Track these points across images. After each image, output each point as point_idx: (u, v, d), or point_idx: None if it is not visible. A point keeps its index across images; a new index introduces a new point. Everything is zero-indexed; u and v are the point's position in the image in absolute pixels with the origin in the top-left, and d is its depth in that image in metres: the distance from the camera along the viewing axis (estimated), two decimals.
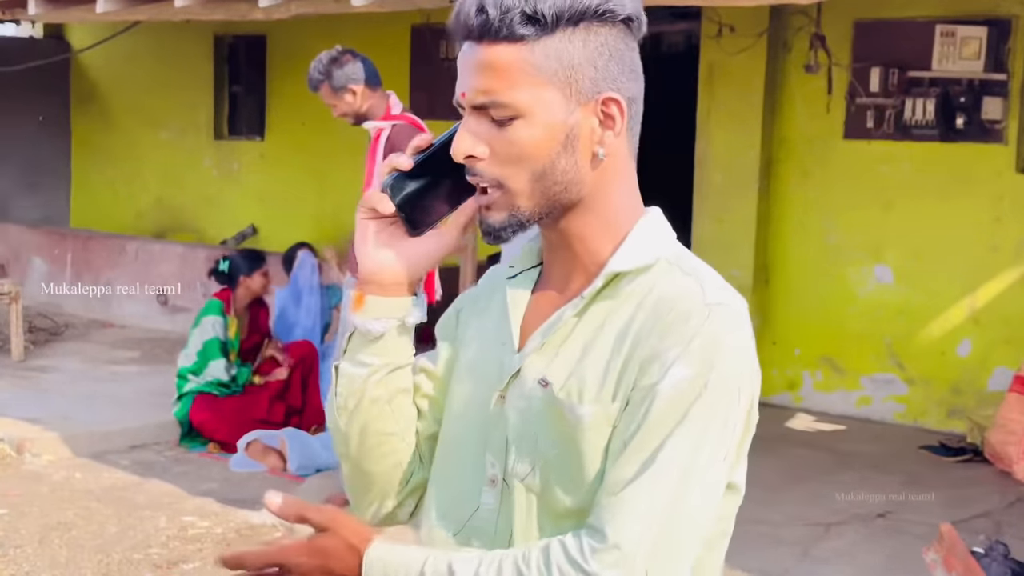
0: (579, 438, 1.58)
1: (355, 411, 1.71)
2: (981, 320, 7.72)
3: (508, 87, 1.55)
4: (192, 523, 6.07)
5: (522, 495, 1.63)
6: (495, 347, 1.70)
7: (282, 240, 10.86)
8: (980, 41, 7.53)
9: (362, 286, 1.68)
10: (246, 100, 11.88)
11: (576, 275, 1.66)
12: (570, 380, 1.60)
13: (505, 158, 1.58)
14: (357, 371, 1.69)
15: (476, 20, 1.54)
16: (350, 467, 1.78)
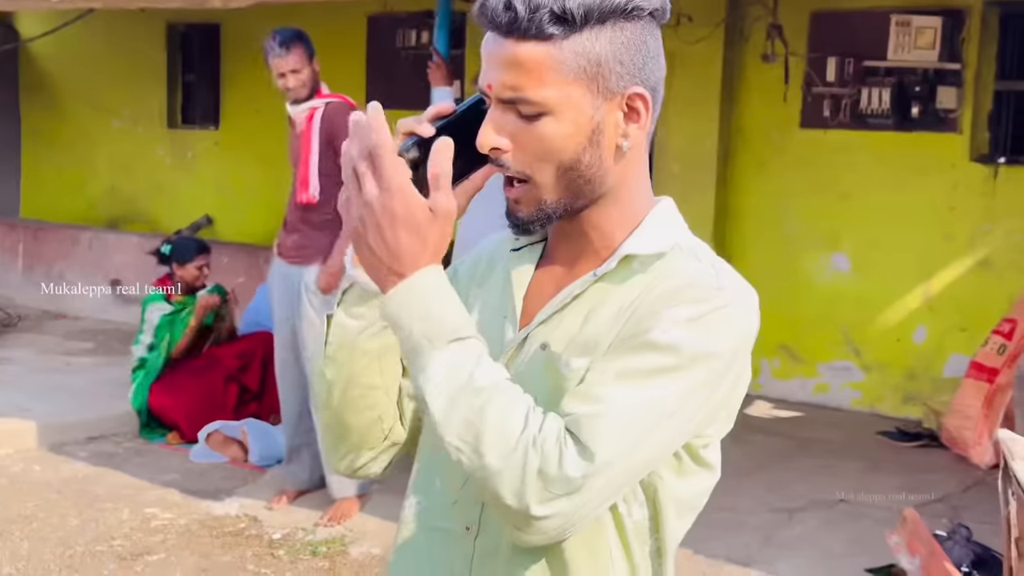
0: (567, 391, 1.58)
1: (344, 362, 1.70)
2: (936, 307, 7.81)
3: (536, 85, 1.56)
4: (155, 515, 6.04)
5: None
6: (496, 318, 1.74)
7: (238, 230, 10.83)
8: (935, 31, 7.60)
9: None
10: (200, 89, 11.79)
11: (586, 256, 1.70)
12: (570, 343, 1.64)
13: (532, 152, 1.59)
14: (351, 323, 1.69)
15: (504, 17, 1.55)
16: (330, 416, 1.76)
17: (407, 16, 9.59)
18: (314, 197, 5.83)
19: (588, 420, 1.50)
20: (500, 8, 1.54)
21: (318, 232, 5.87)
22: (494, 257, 1.82)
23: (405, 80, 9.54)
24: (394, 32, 9.80)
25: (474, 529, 1.70)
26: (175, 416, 7.25)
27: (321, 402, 1.77)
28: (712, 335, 1.56)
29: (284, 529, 5.82)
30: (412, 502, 1.80)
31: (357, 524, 5.81)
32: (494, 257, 1.82)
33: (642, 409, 1.52)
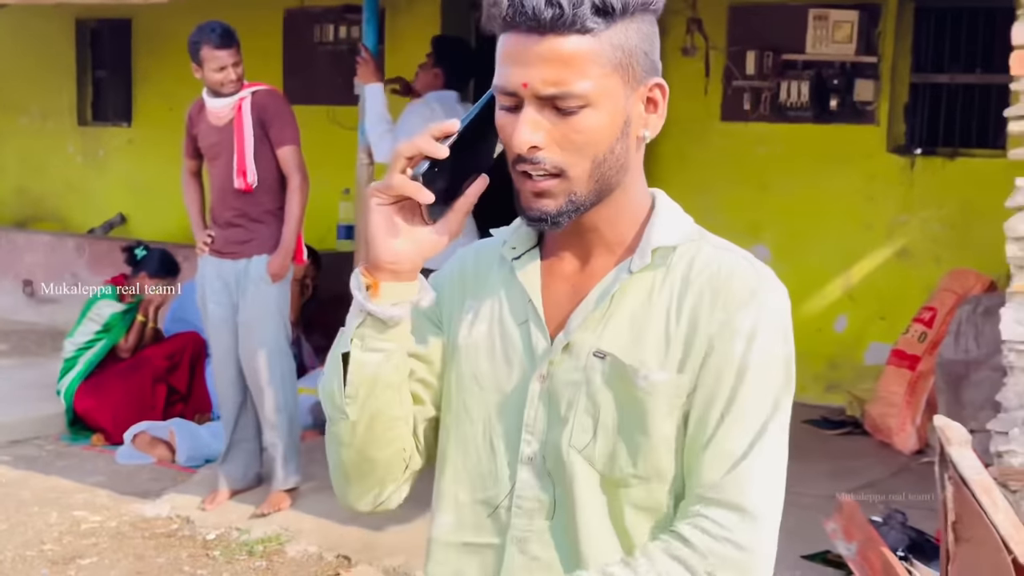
0: (648, 404, 1.64)
1: (368, 398, 1.68)
2: (856, 296, 7.94)
3: (579, 78, 1.57)
4: (84, 517, 5.96)
5: (582, 467, 1.67)
6: (512, 327, 1.74)
7: (153, 228, 10.67)
8: (852, 25, 7.72)
9: (376, 273, 1.65)
10: (111, 85, 11.61)
11: (597, 255, 1.72)
12: (631, 349, 1.66)
13: (569, 146, 1.60)
14: (371, 357, 1.66)
15: (548, 13, 1.55)
16: (352, 454, 1.74)
17: (324, 11, 9.53)
18: (252, 184, 5.79)
19: (736, 482, 1.61)
20: (542, 5, 1.55)
21: (259, 224, 5.85)
22: (481, 265, 1.82)
23: (323, 76, 9.50)
24: (311, 27, 9.73)
25: (526, 539, 1.71)
26: (101, 419, 7.16)
27: (342, 443, 1.73)
28: (783, 329, 1.68)
29: (218, 529, 5.77)
30: (440, 521, 1.79)
31: (293, 522, 5.77)
32: (481, 265, 1.82)
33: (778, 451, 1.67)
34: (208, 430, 6.98)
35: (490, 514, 1.73)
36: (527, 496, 1.70)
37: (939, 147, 7.78)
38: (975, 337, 6.56)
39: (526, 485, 1.71)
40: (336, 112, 8.72)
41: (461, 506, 1.76)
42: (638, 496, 1.67)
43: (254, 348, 5.88)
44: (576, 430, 1.67)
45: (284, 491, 5.93)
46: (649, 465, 1.66)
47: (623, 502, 1.68)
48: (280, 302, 5.88)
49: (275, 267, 5.80)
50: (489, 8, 1.61)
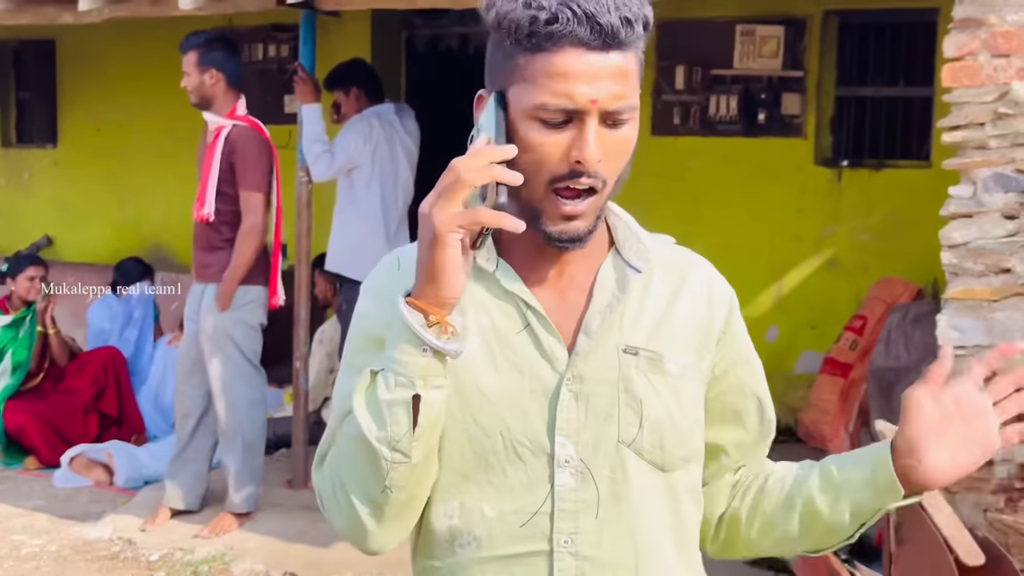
0: (681, 387, 1.77)
1: (429, 437, 1.65)
2: (786, 306, 8.06)
3: (633, 91, 1.66)
4: (23, 542, 5.90)
5: (634, 461, 1.74)
6: (510, 337, 1.74)
7: (81, 249, 10.57)
8: (778, 40, 7.87)
9: (442, 310, 1.60)
10: (36, 107, 11.47)
11: (582, 257, 1.77)
12: (652, 340, 1.77)
13: (615, 159, 1.68)
14: (436, 395, 1.63)
15: (623, 32, 1.61)
16: (404, 497, 1.68)
17: (252, 29, 9.51)
18: (208, 215, 5.80)
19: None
20: (618, 24, 1.60)
21: (219, 251, 5.85)
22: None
23: (252, 95, 9.42)
24: (240, 46, 9.67)
25: (573, 540, 1.72)
26: (33, 437, 7.07)
27: (397, 486, 1.65)
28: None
29: (161, 550, 5.74)
30: (468, 539, 1.74)
31: (238, 541, 5.75)
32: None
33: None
34: (147, 451, 6.94)
35: (524, 523, 1.72)
36: (569, 499, 1.71)
37: (865, 159, 7.93)
38: (905, 344, 6.69)
39: (566, 488, 1.71)
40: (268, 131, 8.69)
41: (489, 521, 1.73)
42: (684, 479, 1.79)
43: (212, 371, 5.89)
44: (623, 425, 1.73)
45: (233, 515, 5.90)
46: (691, 447, 1.79)
47: (675, 486, 1.78)
48: (235, 329, 5.85)
49: (218, 297, 5.80)
50: (539, 26, 1.61)
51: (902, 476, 1.73)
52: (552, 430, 1.71)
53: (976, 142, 4.40)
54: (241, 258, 5.76)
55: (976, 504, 4.55)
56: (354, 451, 1.66)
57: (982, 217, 4.41)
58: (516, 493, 1.72)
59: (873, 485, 1.76)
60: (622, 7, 1.61)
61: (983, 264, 4.42)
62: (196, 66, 5.85)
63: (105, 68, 10.37)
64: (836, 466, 1.83)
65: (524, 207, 1.67)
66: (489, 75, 1.72)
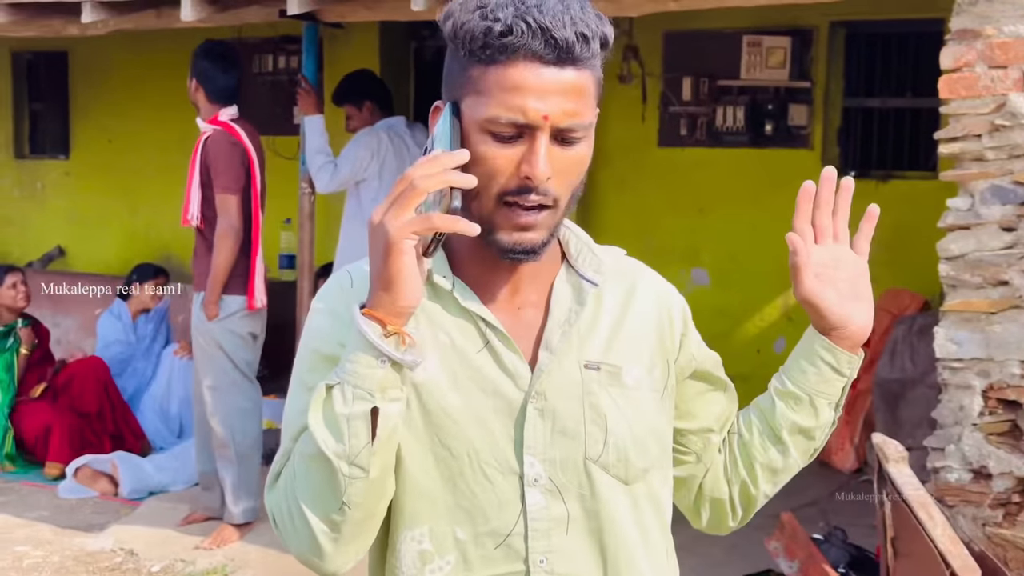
0: (638, 398, 1.78)
1: (387, 451, 1.62)
2: (794, 318, 8.03)
3: (587, 108, 1.64)
4: (26, 552, 5.91)
5: (600, 476, 1.74)
6: (470, 355, 1.71)
7: (93, 260, 10.62)
8: (785, 51, 7.85)
9: (399, 319, 1.58)
10: (48, 118, 11.52)
11: (535, 274, 1.77)
12: (609, 355, 1.77)
13: (567, 176, 1.66)
14: (393, 408, 1.60)
15: (578, 48, 1.60)
16: (360, 515, 1.64)
17: (262, 41, 9.54)
18: (192, 220, 5.84)
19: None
20: (573, 39, 1.59)
21: (205, 258, 5.87)
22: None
23: (262, 106, 9.48)
24: (249, 57, 9.72)
25: (549, 559, 1.71)
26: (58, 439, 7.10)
27: (354, 503, 1.62)
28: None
29: (163, 561, 5.74)
30: (440, 563, 1.71)
31: (238, 553, 5.75)
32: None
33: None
34: (151, 462, 6.95)
35: (499, 545, 1.70)
36: (541, 518, 1.71)
37: (872, 170, 7.91)
38: (911, 356, 6.67)
39: (537, 506, 1.70)
40: (276, 142, 8.70)
41: (463, 544, 1.71)
42: (643, 489, 1.79)
43: (200, 380, 5.91)
44: (589, 441, 1.73)
45: (233, 526, 5.91)
46: (649, 457, 1.79)
47: (637, 497, 1.78)
48: (223, 337, 5.86)
49: (204, 304, 5.83)
50: (493, 38, 1.60)
51: (828, 336, 1.89)
52: (520, 449, 1.70)
53: (973, 154, 4.38)
54: (219, 261, 5.75)
55: (975, 518, 4.52)
56: (309, 469, 1.62)
57: (980, 229, 4.40)
58: (487, 515, 1.70)
59: (814, 357, 1.90)
60: (579, 23, 1.59)
61: (981, 276, 4.40)
62: (190, 74, 5.93)
63: (116, 79, 10.41)
64: (782, 373, 1.96)
65: (476, 221, 1.61)
66: (445, 85, 1.71)
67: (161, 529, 6.08)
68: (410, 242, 1.54)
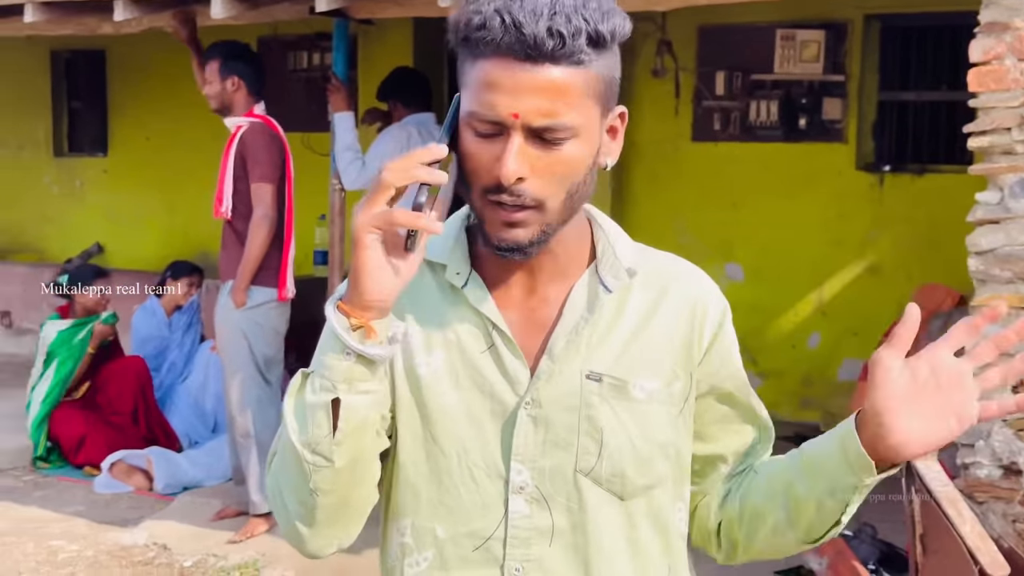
0: (648, 412, 1.70)
1: (353, 443, 1.61)
2: (829, 313, 8.00)
3: (570, 108, 1.56)
4: (61, 547, 5.96)
5: (592, 489, 1.69)
6: (475, 355, 1.70)
7: (130, 256, 10.69)
8: (819, 44, 7.81)
9: (365, 313, 1.56)
10: (87, 116, 11.62)
11: (547, 275, 1.72)
12: (618, 365, 1.70)
13: (551, 177, 1.59)
14: (360, 400, 1.59)
15: (548, 44, 1.52)
16: (332, 501, 1.65)
17: (297, 38, 9.58)
18: (226, 213, 5.88)
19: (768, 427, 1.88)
20: (543, 35, 1.52)
21: (234, 250, 5.90)
22: (418, 289, 1.72)
23: (296, 102, 9.52)
24: (284, 54, 9.78)
25: (525, 568, 1.69)
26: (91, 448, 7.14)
27: (321, 490, 1.63)
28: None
29: (195, 556, 5.78)
30: (418, 558, 1.73)
31: (270, 548, 5.78)
32: (418, 289, 1.72)
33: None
34: (186, 458, 7.00)
35: (478, 547, 1.69)
36: (522, 526, 1.68)
37: (907, 164, 7.86)
38: None
39: (520, 514, 1.68)
40: (310, 139, 8.75)
41: (442, 542, 1.71)
42: (643, 505, 1.72)
43: (224, 372, 5.95)
44: (581, 454, 1.68)
45: (261, 516, 5.94)
46: (653, 474, 1.72)
47: (633, 514, 1.72)
48: (248, 327, 5.88)
49: (232, 291, 5.85)
50: (471, 31, 1.57)
51: (871, 447, 1.59)
52: (508, 455, 1.68)
53: (1003, 147, 4.34)
54: (252, 248, 5.78)
55: (1004, 514, 4.48)
56: (284, 453, 1.65)
57: (1009, 223, 4.35)
58: (470, 516, 1.69)
59: (844, 461, 1.63)
60: (558, 18, 1.53)
61: (1010, 271, 4.36)
62: (218, 73, 5.95)
63: (153, 78, 10.48)
64: (810, 447, 1.73)
65: (475, 214, 1.66)
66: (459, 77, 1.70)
67: (194, 524, 6.12)
68: (372, 236, 1.53)
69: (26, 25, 6.66)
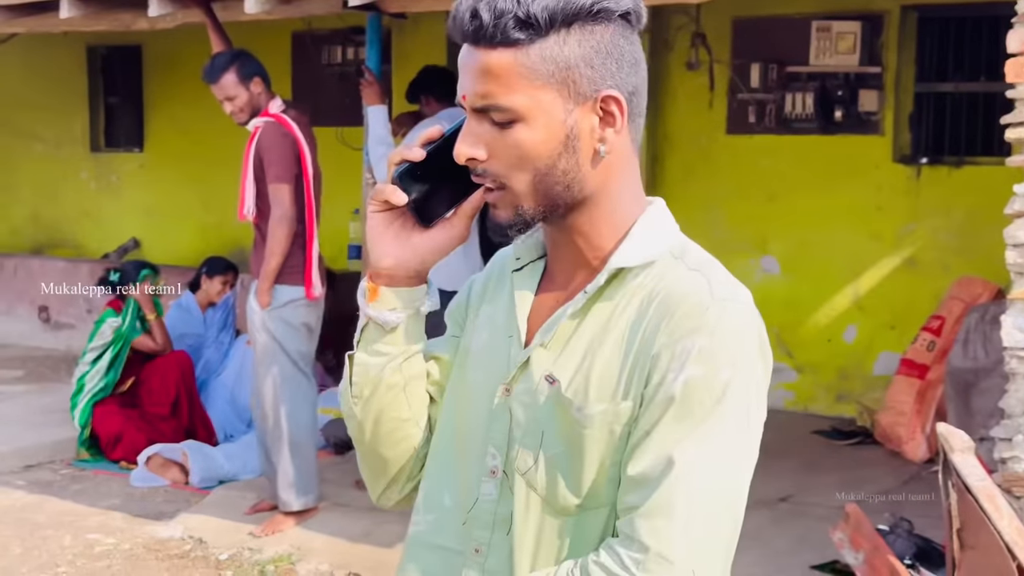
0: (585, 436, 1.60)
1: (371, 399, 1.74)
2: (865, 306, 7.95)
3: (506, 91, 1.56)
4: (98, 540, 6.00)
5: (522, 489, 1.66)
6: (503, 339, 1.73)
7: (167, 252, 10.74)
8: (855, 36, 7.75)
9: (376, 279, 1.70)
10: (123, 111, 11.68)
11: (580, 271, 1.69)
12: (576, 378, 1.62)
13: (507, 160, 1.59)
14: (373, 360, 1.73)
15: (470, 26, 1.56)
16: (365, 451, 1.81)
17: (331, 33, 9.59)
18: (248, 215, 5.89)
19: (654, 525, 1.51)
20: (467, 17, 1.56)
21: (262, 248, 5.91)
22: (502, 274, 1.80)
23: (330, 97, 9.54)
24: (319, 49, 9.80)
25: (484, 551, 1.70)
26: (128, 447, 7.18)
27: (355, 440, 1.82)
28: (732, 354, 1.56)
29: (231, 550, 5.80)
30: (421, 519, 1.79)
31: (304, 541, 5.79)
32: (502, 274, 1.80)
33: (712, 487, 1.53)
34: (222, 452, 7.02)
35: (464, 521, 1.72)
36: (486, 509, 1.70)
37: (945, 156, 7.80)
38: (983, 345, 6.56)
39: (487, 498, 1.70)
40: (344, 133, 8.75)
41: (444, 510, 1.75)
42: (579, 525, 1.63)
43: (256, 370, 5.96)
44: (521, 453, 1.66)
45: (287, 513, 5.95)
46: (590, 495, 1.62)
47: (565, 530, 1.64)
48: (276, 326, 5.88)
49: (257, 292, 5.87)
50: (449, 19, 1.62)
51: None
52: (486, 438, 1.71)
53: None
54: (272, 249, 5.78)
55: None
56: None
57: None
58: (462, 490, 1.73)
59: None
60: (481, 1, 1.56)
61: None
62: (239, 83, 5.87)
63: (188, 73, 10.48)
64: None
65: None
66: None
67: (229, 517, 6.14)
68: (372, 209, 1.69)
69: (62, 21, 6.68)
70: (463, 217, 1.68)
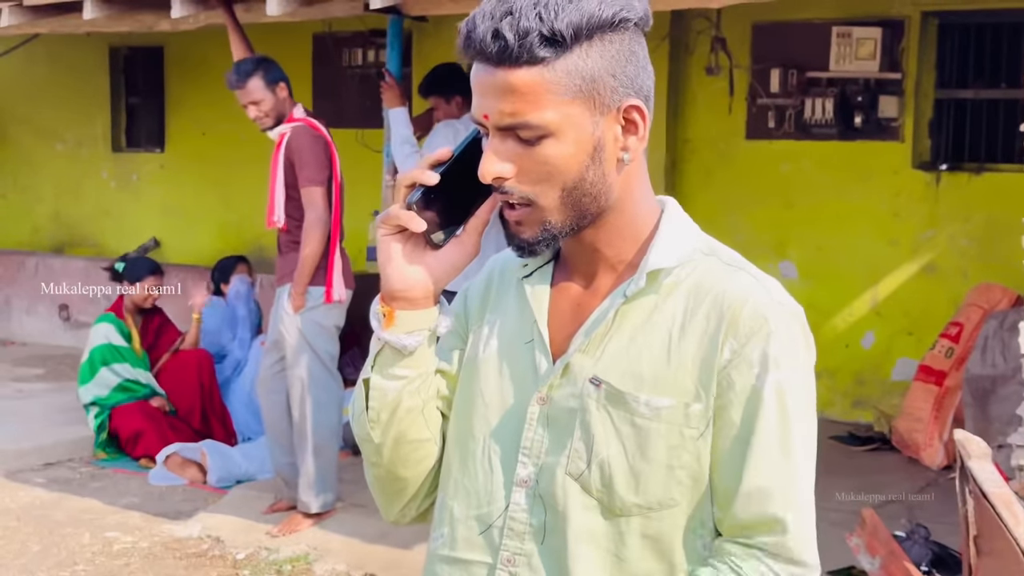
0: (651, 431, 1.62)
1: (389, 422, 1.72)
2: (883, 312, 7.94)
3: (535, 108, 1.55)
4: (116, 538, 6.03)
5: (579, 495, 1.65)
6: (519, 346, 1.73)
7: (186, 251, 10.80)
8: (875, 41, 7.74)
9: (391, 303, 1.66)
10: (144, 111, 11.74)
11: (602, 273, 1.70)
12: (626, 377, 1.64)
13: (535, 176, 1.59)
14: (391, 384, 1.70)
15: (493, 47, 1.54)
16: (382, 473, 1.79)
17: (352, 35, 9.62)
18: (278, 222, 5.91)
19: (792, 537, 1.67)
20: (488, 39, 1.53)
21: (290, 254, 5.93)
22: (504, 278, 1.81)
23: (351, 99, 9.58)
24: (340, 51, 9.83)
25: (515, 561, 1.69)
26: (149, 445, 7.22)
27: (371, 462, 1.79)
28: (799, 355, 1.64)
29: (248, 549, 5.83)
30: (437, 534, 1.79)
31: (321, 541, 5.82)
32: (504, 278, 1.81)
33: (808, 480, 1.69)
34: (240, 451, 7.05)
35: (483, 532, 1.72)
36: (518, 519, 1.69)
37: (964, 163, 7.78)
38: (1002, 352, 6.56)
39: (519, 507, 1.69)
40: (365, 135, 8.79)
41: (456, 521, 1.74)
42: (641, 525, 1.65)
43: (289, 373, 5.98)
44: (572, 457, 1.65)
45: (305, 514, 5.98)
46: (651, 494, 1.63)
47: (624, 531, 1.65)
48: (308, 328, 5.90)
49: (291, 296, 5.89)
50: (460, 39, 1.60)
51: None
52: (515, 447, 1.71)
53: None
54: (307, 252, 5.80)
55: None
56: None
57: None
58: (481, 500, 1.73)
59: None
60: (503, 21, 1.53)
61: None
62: (266, 88, 5.90)
63: (210, 74, 10.54)
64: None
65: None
66: None
67: (247, 517, 6.17)
68: (383, 232, 1.66)
69: (85, 22, 6.74)
70: (473, 233, 1.67)
